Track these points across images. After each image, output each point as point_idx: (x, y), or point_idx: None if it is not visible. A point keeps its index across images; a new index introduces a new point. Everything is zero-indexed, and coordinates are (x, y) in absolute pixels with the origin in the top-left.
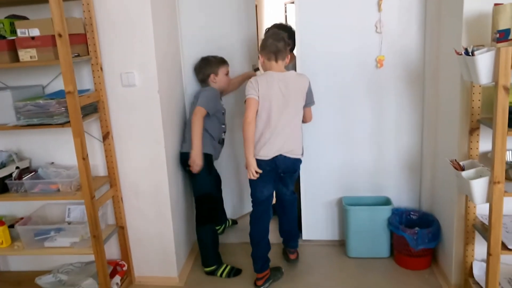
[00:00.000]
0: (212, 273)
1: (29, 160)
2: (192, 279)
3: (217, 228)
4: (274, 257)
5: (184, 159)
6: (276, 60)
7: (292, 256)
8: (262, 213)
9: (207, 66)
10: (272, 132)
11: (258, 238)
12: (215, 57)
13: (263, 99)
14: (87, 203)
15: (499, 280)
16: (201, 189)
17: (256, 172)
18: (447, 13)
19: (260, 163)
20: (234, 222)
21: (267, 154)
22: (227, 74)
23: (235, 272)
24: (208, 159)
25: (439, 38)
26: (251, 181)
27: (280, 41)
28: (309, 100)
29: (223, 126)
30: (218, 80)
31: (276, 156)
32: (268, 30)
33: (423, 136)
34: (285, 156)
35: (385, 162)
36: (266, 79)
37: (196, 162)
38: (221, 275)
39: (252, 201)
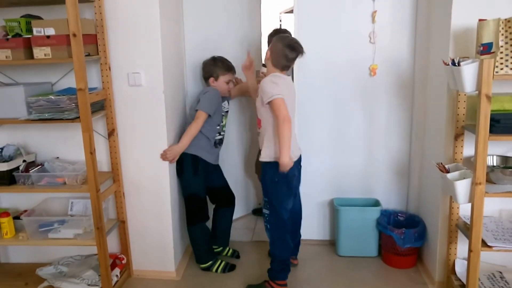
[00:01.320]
0: (207, 269)
1: (35, 154)
2: (189, 273)
3: (217, 249)
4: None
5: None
6: (288, 69)
7: (296, 261)
8: (286, 232)
9: (212, 67)
10: (292, 132)
11: (287, 259)
12: (223, 62)
13: (285, 98)
14: (93, 196)
15: (479, 277)
16: (187, 190)
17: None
18: (436, 26)
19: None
20: (237, 254)
21: (296, 154)
22: (228, 82)
23: (229, 267)
24: (194, 161)
25: (428, 50)
26: (278, 192)
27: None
28: None
29: (218, 127)
30: (216, 85)
31: (298, 158)
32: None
33: (411, 141)
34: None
35: (375, 166)
36: (284, 80)
37: (168, 155)
38: (216, 270)
39: (275, 218)
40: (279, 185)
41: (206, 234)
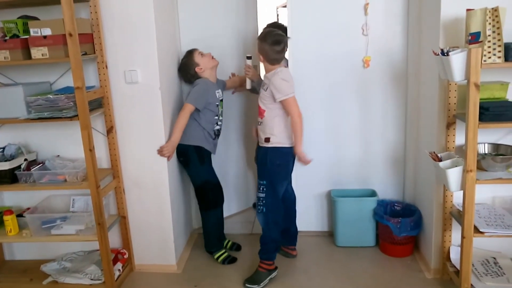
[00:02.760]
0: (211, 254)
1: (36, 153)
2: (190, 266)
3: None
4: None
5: (176, 150)
6: (283, 58)
7: (295, 252)
8: (280, 214)
9: (187, 68)
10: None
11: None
12: (184, 57)
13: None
14: (93, 192)
15: (473, 262)
16: (198, 179)
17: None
18: (426, 17)
19: (291, 150)
20: (236, 246)
21: (293, 141)
22: (202, 55)
23: (230, 260)
24: (198, 151)
25: (420, 40)
26: (277, 175)
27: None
28: None
29: (216, 117)
30: (203, 66)
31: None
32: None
33: (406, 131)
34: None
35: (371, 156)
36: (289, 74)
37: (165, 151)
38: (217, 258)
39: (272, 199)
40: (280, 168)
41: (220, 221)
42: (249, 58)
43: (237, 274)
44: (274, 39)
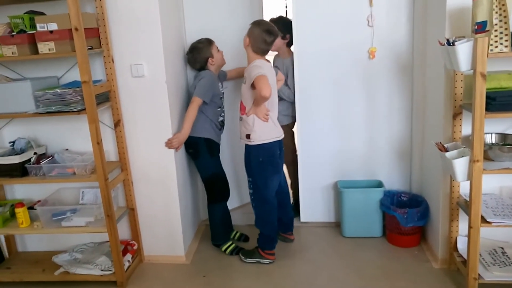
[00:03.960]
0: (217, 246)
1: (45, 146)
2: (198, 257)
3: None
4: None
5: (185, 143)
6: (267, 53)
7: (293, 237)
8: (271, 209)
9: (200, 54)
10: (275, 114)
11: (271, 234)
12: (201, 42)
13: (269, 79)
14: (101, 184)
15: (481, 252)
16: (207, 171)
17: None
18: (432, 7)
19: (274, 145)
20: (245, 237)
21: (279, 134)
22: (218, 50)
23: (238, 251)
24: (208, 143)
25: (426, 31)
26: (264, 172)
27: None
28: None
29: (219, 109)
30: (215, 61)
31: (281, 139)
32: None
33: (412, 122)
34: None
35: (377, 147)
36: (266, 65)
37: (174, 143)
38: (225, 250)
39: (259, 196)
40: (264, 164)
41: (226, 214)
42: None
43: (245, 265)
44: (267, 28)
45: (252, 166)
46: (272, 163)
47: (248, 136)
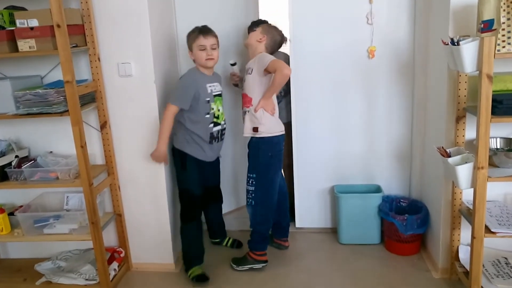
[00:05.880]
0: (187, 272)
1: (28, 149)
2: None
3: (215, 241)
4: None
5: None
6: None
7: (287, 243)
8: (271, 209)
9: (187, 41)
10: (277, 111)
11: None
12: (195, 28)
13: None
14: (86, 190)
15: (484, 263)
16: (179, 184)
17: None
18: (435, 4)
19: (282, 139)
20: (237, 243)
21: (282, 129)
22: (203, 49)
23: (201, 279)
24: (182, 155)
25: (428, 29)
26: (271, 167)
27: None
28: None
29: (208, 116)
30: (195, 58)
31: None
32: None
33: (412, 125)
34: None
35: (376, 151)
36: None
37: (154, 160)
38: (189, 275)
39: (262, 194)
40: (273, 159)
41: (195, 238)
42: (233, 64)
43: (235, 274)
44: (282, 34)
45: (260, 161)
46: (280, 158)
47: (255, 129)
